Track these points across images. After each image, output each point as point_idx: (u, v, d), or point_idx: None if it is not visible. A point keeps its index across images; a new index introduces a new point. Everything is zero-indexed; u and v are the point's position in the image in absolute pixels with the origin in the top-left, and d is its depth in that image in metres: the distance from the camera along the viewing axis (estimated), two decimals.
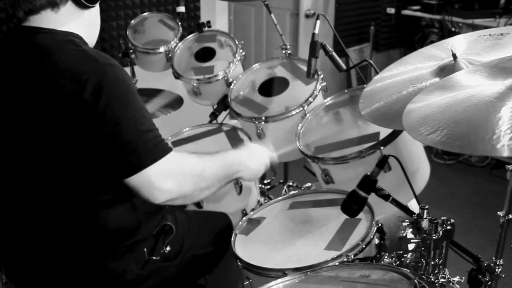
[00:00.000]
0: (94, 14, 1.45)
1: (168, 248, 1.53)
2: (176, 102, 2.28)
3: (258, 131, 2.09)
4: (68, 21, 1.37)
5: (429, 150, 4.01)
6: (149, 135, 1.32)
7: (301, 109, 2.05)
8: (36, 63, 1.31)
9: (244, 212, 1.99)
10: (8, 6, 1.34)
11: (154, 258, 1.50)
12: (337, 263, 1.39)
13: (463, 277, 1.34)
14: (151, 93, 2.35)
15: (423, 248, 1.28)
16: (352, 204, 1.38)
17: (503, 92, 1.06)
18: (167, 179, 1.34)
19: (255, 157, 1.63)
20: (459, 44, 1.52)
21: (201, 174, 1.43)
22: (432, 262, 1.28)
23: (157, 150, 1.33)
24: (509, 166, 1.37)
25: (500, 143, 0.93)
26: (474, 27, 3.85)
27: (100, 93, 1.25)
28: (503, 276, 1.34)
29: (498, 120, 0.98)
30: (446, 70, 1.43)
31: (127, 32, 2.70)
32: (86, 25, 1.42)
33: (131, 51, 2.64)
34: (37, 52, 1.32)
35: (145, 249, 1.50)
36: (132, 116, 1.30)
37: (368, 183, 1.36)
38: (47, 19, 1.35)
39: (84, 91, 1.24)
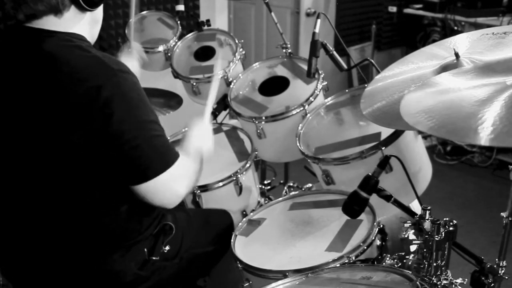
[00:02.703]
0: (96, 12, 1.43)
1: (167, 248, 1.52)
2: (175, 102, 2.26)
3: (258, 131, 2.08)
4: (71, 23, 1.36)
5: (431, 150, 3.99)
6: (160, 141, 1.35)
7: (302, 108, 2.04)
8: (44, 70, 1.29)
9: (244, 213, 1.97)
10: (9, 8, 1.32)
11: (153, 258, 1.50)
12: (338, 265, 1.39)
13: (466, 279, 1.33)
14: (150, 93, 2.32)
15: (425, 250, 1.27)
16: (354, 205, 1.38)
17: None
18: (177, 184, 1.40)
19: (205, 136, 1.65)
20: (462, 43, 1.51)
21: (195, 172, 1.49)
22: (435, 264, 1.27)
23: (168, 157, 1.36)
24: None
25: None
26: (477, 26, 3.83)
27: (112, 101, 1.26)
28: (506, 278, 1.33)
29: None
30: (448, 69, 1.41)
31: (126, 31, 2.68)
32: (88, 25, 1.41)
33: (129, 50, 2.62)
34: (44, 58, 1.30)
35: (145, 249, 1.49)
36: (143, 124, 1.33)
37: (370, 184, 1.36)
38: (50, 23, 1.34)
39: (97, 99, 1.25)
